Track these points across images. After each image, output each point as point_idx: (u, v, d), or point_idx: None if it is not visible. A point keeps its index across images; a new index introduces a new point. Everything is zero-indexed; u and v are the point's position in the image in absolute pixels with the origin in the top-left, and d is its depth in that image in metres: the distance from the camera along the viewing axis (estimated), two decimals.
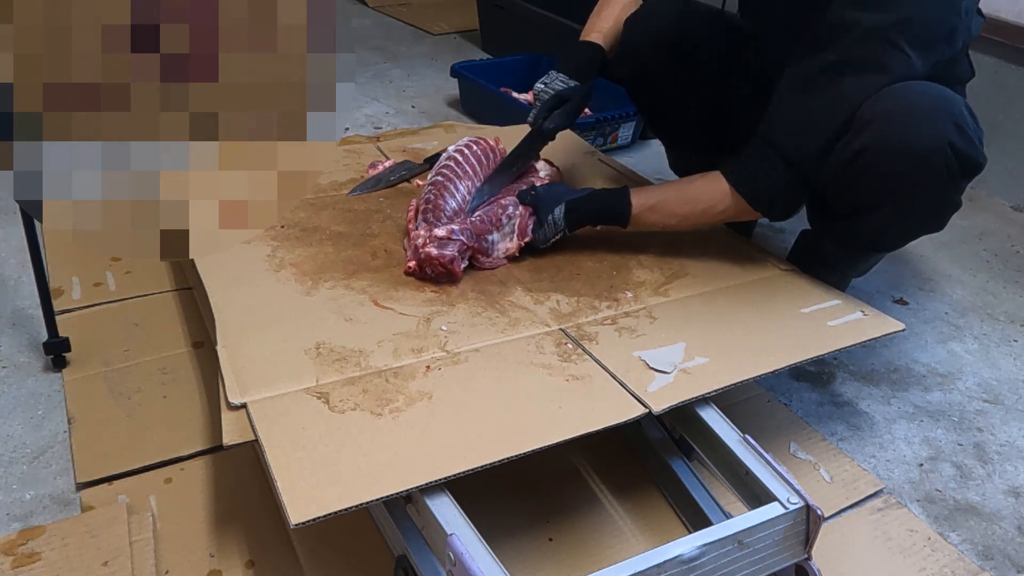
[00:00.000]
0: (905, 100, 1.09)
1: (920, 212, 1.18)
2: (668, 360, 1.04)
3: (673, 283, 1.23)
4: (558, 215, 1.24)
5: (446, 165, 1.31)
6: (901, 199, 1.15)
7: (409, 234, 1.23)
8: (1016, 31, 1.90)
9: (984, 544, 1.08)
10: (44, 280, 1.18)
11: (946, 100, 1.10)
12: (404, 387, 0.96)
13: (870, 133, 1.10)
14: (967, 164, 1.11)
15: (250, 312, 1.07)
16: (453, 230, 1.18)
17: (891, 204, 1.16)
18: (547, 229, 1.25)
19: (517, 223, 1.25)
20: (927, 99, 1.09)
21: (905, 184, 1.12)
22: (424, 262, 1.17)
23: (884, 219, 1.19)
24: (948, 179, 1.11)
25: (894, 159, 1.10)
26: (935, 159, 1.09)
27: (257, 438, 0.86)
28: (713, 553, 0.83)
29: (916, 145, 1.08)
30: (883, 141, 1.09)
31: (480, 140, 1.38)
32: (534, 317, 1.12)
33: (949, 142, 1.08)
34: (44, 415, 1.16)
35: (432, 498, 0.82)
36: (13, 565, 0.91)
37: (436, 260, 1.16)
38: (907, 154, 1.09)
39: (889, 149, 1.10)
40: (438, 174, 1.30)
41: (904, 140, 1.09)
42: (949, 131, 1.08)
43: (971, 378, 1.39)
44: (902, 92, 1.10)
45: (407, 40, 2.90)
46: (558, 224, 1.24)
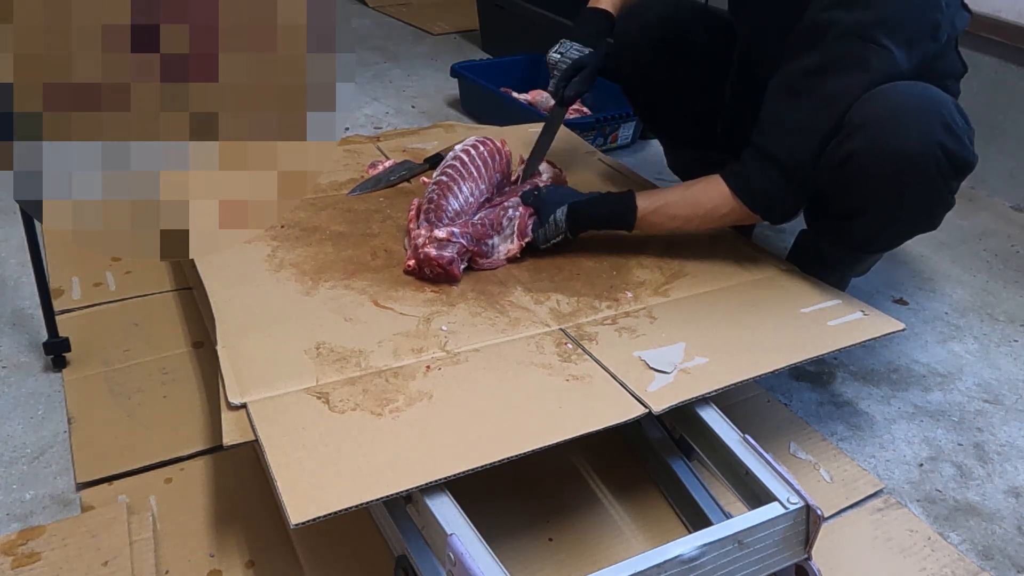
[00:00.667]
0: (893, 102, 1.09)
1: (912, 213, 1.18)
2: (668, 360, 1.04)
3: (673, 283, 1.23)
4: (560, 216, 1.24)
5: (451, 165, 1.31)
6: (893, 201, 1.15)
7: (410, 233, 1.23)
8: (1016, 31, 1.90)
9: (984, 544, 1.08)
10: (44, 280, 1.18)
11: (934, 101, 1.10)
12: (404, 387, 0.96)
13: (859, 137, 1.10)
14: (958, 164, 1.11)
15: (250, 312, 1.07)
16: (454, 232, 1.18)
17: (883, 206, 1.17)
18: (548, 229, 1.25)
19: (517, 224, 1.25)
20: (915, 100, 1.09)
21: (896, 187, 1.12)
22: (423, 262, 1.17)
23: (877, 221, 1.20)
24: (940, 180, 1.11)
25: (884, 163, 1.10)
26: (925, 161, 1.09)
27: (257, 438, 0.86)
28: (713, 553, 0.83)
29: (906, 148, 1.08)
30: (872, 145, 1.09)
31: (487, 141, 1.38)
32: (534, 317, 1.12)
33: (939, 143, 1.08)
34: (44, 415, 1.16)
35: (432, 498, 0.82)
36: (13, 565, 0.91)
37: (435, 261, 1.16)
38: (897, 157, 1.09)
39: (878, 153, 1.09)
40: (443, 174, 1.30)
41: (893, 143, 1.08)
42: (938, 132, 1.08)
43: (971, 378, 1.39)
44: (890, 94, 1.10)
45: (407, 40, 2.90)
46: (560, 225, 1.24)
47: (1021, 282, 1.69)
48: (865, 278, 1.47)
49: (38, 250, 1.15)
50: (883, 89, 1.10)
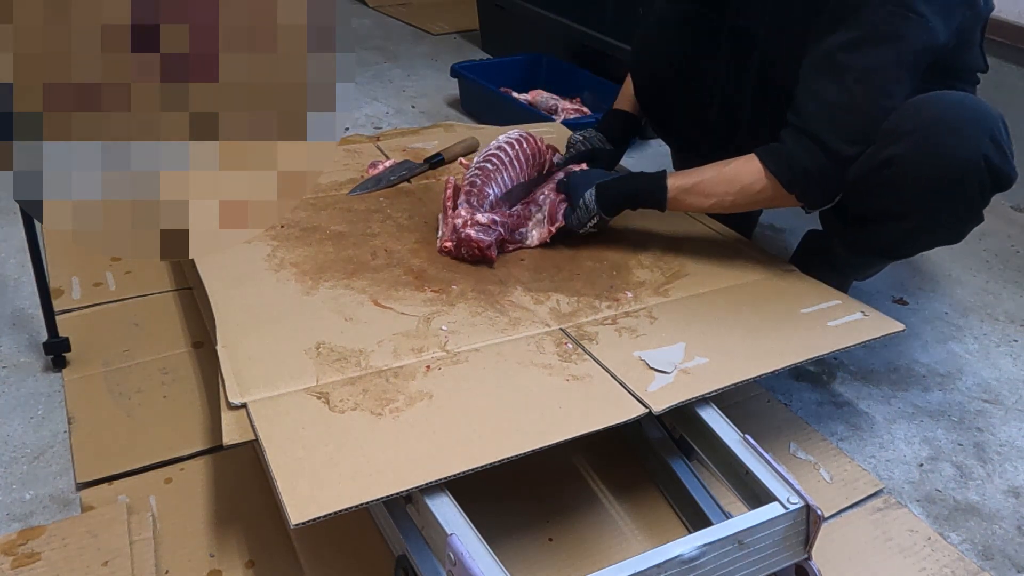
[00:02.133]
0: (943, 110, 1.08)
1: (946, 222, 1.17)
2: (668, 360, 1.04)
3: (673, 283, 1.23)
4: (589, 198, 1.23)
5: (495, 154, 1.33)
6: (929, 209, 1.14)
7: (447, 212, 1.24)
8: (1016, 31, 1.90)
9: (984, 544, 1.08)
10: (44, 280, 1.18)
11: (984, 113, 1.09)
12: (404, 387, 0.96)
13: (906, 142, 1.09)
14: (999, 178, 1.10)
15: (250, 312, 1.07)
16: (495, 220, 1.21)
17: (917, 213, 1.15)
18: (580, 213, 1.25)
19: (547, 209, 1.26)
20: (965, 111, 1.08)
21: (936, 194, 1.11)
22: (463, 242, 1.20)
23: (907, 229, 1.18)
24: (979, 193, 1.11)
25: (928, 168, 1.09)
26: (970, 172, 1.08)
27: (257, 438, 0.86)
28: (713, 553, 0.83)
29: (953, 155, 1.07)
30: (919, 150, 1.08)
31: (530, 138, 1.38)
32: (534, 317, 1.12)
33: (984, 155, 1.07)
34: (44, 415, 1.16)
35: (432, 498, 0.82)
36: (13, 565, 0.91)
37: (475, 243, 1.19)
38: (943, 163, 1.08)
39: (925, 157, 1.08)
40: (487, 161, 1.32)
41: (941, 149, 1.07)
42: (985, 144, 1.07)
43: (971, 378, 1.39)
44: (941, 101, 1.09)
45: (407, 40, 2.90)
46: (591, 207, 1.24)
47: (1021, 282, 1.69)
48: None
49: (38, 250, 1.15)
50: (933, 96, 1.09)
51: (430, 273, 1.21)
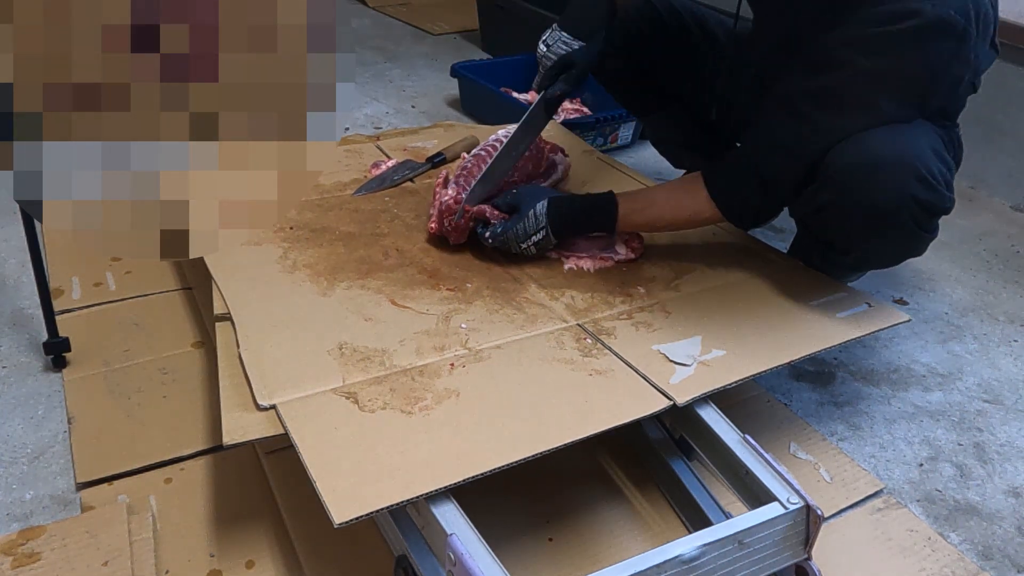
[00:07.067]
0: (867, 155, 1.06)
1: (892, 255, 1.22)
2: (687, 353, 1.06)
3: (683, 278, 1.25)
4: (540, 210, 1.21)
5: (492, 144, 1.35)
6: (870, 247, 1.17)
7: (436, 197, 1.26)
8: (1016, 31, 1.90)
9: (984, 544, 1.08)
10: (44, 280, 1.18)
11: (910, 153, 1.07)
12: (431, 385, 0.97)
13: (832, 189, 1.09)
14: (934, 211, 1.11)
15: (269, 314, 1.08)
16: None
17: (860, 250, 1.19)
18: (527, 223, 1.20)
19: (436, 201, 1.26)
20: (890, 153, 1.06)
21: (871, 234, 1.12)
22: (444, 213, 1.22)
23: (857, 258, 1.24)
24: (914, 228, 1.11)
25: (856, 216, 1.10)
26: (899, 215, 1.08)
27: (291, 440, 0.86)
28: (713, 553, 0.83)
29: (878, 203, 1.07)
30: (845, 198, 1.09)
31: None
32: (551, 313, 1.13)
33: (912, 196, 1.07)
34: (44, 415, 1.16)
35: (432, 499, 0.82)
36: (13, 565, 0.91)
37: (450, 199, 1.23)
38: (869, 212, 1.08)
39: (851, 207, 1.09)
40: (482, 149, 1.35)
41: (865, 200, 1.08)
42: (911, 186, 1.06)
43: (971, 378, 1.39)
44: (866, 144, 1.07)
45: (407, 40, 2.90)
46: (540, 220, 1.21)
47: (1021, 282, 1.69)
48: (865, 278, 1.47)
49: (38, 250, 1.15)
50: (860, 137, 1.07)
51: (444, 271, 1.21)
